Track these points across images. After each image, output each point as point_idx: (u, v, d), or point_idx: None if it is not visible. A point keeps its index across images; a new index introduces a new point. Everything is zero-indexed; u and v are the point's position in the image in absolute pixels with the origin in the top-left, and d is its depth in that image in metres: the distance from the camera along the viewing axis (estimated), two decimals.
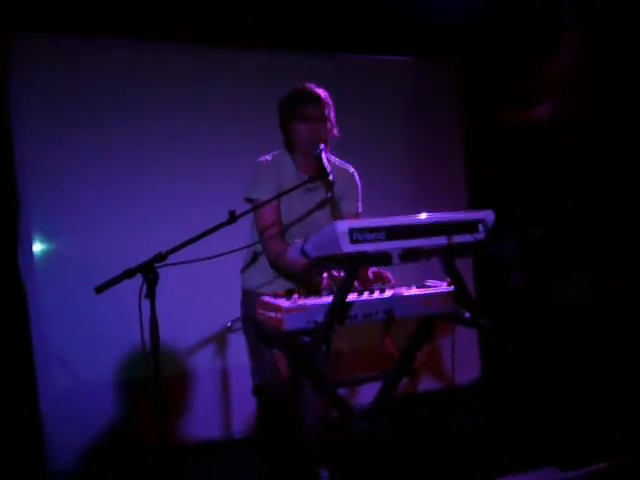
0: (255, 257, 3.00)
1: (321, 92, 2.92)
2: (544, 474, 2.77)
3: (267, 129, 3.06)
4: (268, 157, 2.98)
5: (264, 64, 4.37)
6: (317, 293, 2.35)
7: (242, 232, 2.95)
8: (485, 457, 3.63)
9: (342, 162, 3.10)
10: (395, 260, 2.13)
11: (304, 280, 2.82)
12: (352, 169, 3.12)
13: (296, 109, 2.87)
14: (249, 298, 2.99)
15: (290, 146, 2.98)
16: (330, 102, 2.94)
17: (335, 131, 2.96)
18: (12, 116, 3.85)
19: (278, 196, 2.74)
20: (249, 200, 2.91)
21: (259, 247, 2.96)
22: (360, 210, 3.11)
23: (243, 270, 3.09)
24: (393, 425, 2.75)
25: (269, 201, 2.74)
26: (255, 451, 3.29)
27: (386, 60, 4.92)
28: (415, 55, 4.96)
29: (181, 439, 4.10)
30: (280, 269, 2.90)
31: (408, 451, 3.77)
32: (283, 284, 2.92)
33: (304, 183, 2.72)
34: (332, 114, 2.95)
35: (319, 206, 2.94)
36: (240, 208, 2.63)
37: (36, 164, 3.89)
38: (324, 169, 2.71)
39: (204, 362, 4.20)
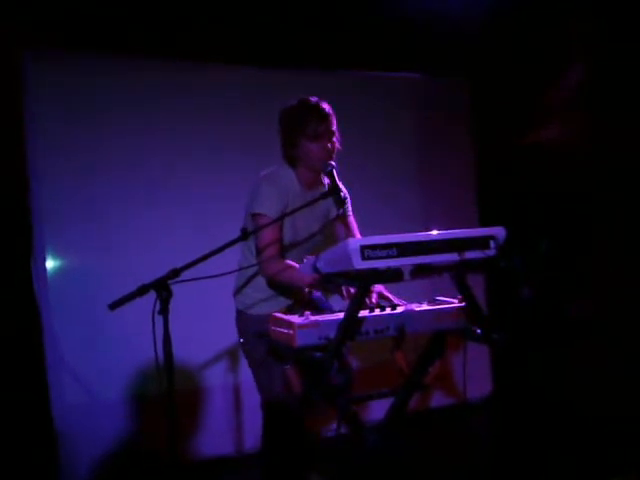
0: (253, 276, 2.99)
1: (327, 107, 2.87)
2: None
3: (270, 144, 3.06)
4: (272, 172, 2.92)
5: (268, 80, 4.36)
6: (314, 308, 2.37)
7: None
8: (496, 473, 3.61)
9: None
10: (406, 276, 2.14)
11: (302, 297, 2.84)
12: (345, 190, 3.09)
13: (306, 127, 2.80)
14: (247, 317, 3.01)
15: (292, 161, 2.92)
16: (334, 116, 2.89)
17: (339, 144, 2.90)
18: (27, 130, 3.87)
19: (285, 215, 2.73)
20: (254, 215, 2.83)
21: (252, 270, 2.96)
22: (350, 212, 3.12)
23: (239, 290, 3.07)
24: (405, 441, 2.75)
25: (280, 219, 2.73)
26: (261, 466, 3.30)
27: (397, 77, 4.94)
28: (426, 71, 4.98)
29: (193, 455, 4.10)
30: (279, 287, 2.91)
31: (420, 467, 3.76)
32: (280, 302, 2.96)
33: (316, 200, 2.72)
34: (336, 127, 2.90)
35: (327, 223, 2.96)
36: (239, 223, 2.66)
37: (50, 177, 3.89)
38: (337, 186, 2.73)
39: (216, 378, 4.20)
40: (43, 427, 3.85)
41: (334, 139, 2.87)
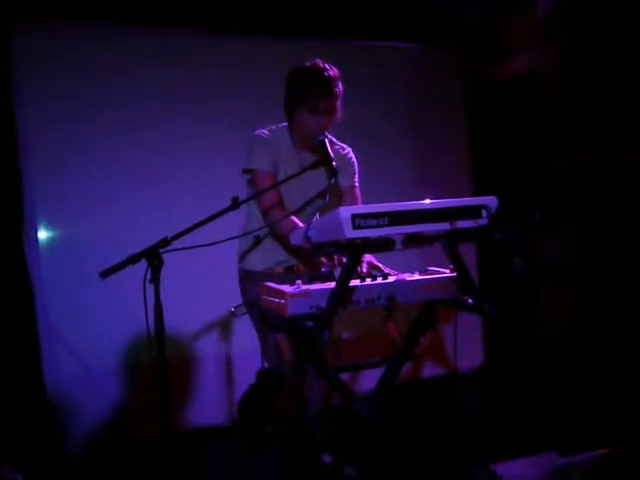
0: (258, 241, 3.00)
1: (337, 77, 2.80)
2: (543, 459, 2.79)
3: (267, 115, 3.05)
4: (265, 131, 2.94)
5: (263, 50, 4.32)
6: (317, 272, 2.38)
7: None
8: (486, 443, 3.65)
9: (339, 142, 3.08)
10: (398, 246, 2.14)
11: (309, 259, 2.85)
12: (348, 148, 3.10)
13: (307, 98, 2.77)
14: (253, 279, 2.99)
15: (290, 122, 2.94)
16: (342, 90, 2.83)
17: (339, 117, 2.88)
18: (16, 105, 3.85)
19: (279, 184, 2.74)
20: (247, 171, 2.90)
21: (261, 233, 2.97)
22: (357, 184, 3.10)
23: (244, 254, 3.08)
24: (395, 411, 2.78)
25: (274, 186, 2.75)
26: (255, 436, 3.34)
27: (388, 46, 4.89)
28: (418, 41, 4.94)
29: (185, 424, 4.13)
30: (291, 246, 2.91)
31: (410, 436, 3.80)
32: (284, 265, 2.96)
33: (305, 170, 2.71)
34: (341, 102, 2.85)
35: (319, 192, 2.94)
36: (241, 191, 2.64)
37: (40, 153, 3.88)
38: (328, 156, 2.71)
39: (208, 347, 4.22)
40: (37, 398, 3.87)
41: (335, 116, 2.84)
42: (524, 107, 4.74)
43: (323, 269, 2.60)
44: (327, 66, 2.81)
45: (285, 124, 2.98)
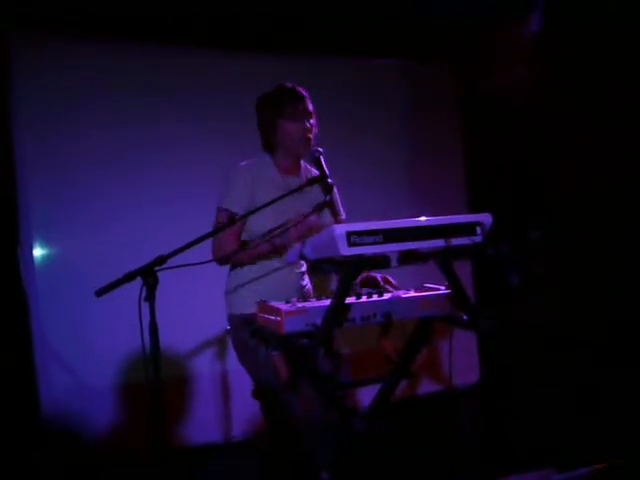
0: (238, 276, 2.95)
1: (302, 89, 2.89)
2: (540, 475, 2.78)
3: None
4: (243, 163, 2.91)
5: (253, 68, 4.32)
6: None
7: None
8: (482, 459, 3.64)
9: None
10: (393, 263, 2.14)
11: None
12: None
13: (284, 107, 2.83)
14: (240, 322, 2.92)
15: (270, 147, 2.94)
16: (310, 99, 2.90)
17: (316, 129, 2.91)
18: (13, 117, 3.86)
19: (265, 206, 2.61)
20: (220, 209, 2.86)
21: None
22: (344, 216, 3.10)
23: (229, 292, 3.00)
24: (392, 427, 2.77)
25: (243, 217, 2.73)
26: (256, 453, 3.30)
27: (384, 63, 4.93)
28: (411, 57, 4.97)
29: (181, 442, 4.11)
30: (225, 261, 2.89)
31: (407, 452, 3.78)
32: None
33: (301, 187, 2.72)
34: (313, 110, 2.91)
35: (313, 209, 2.93)
36: None
37: (37, 167, 3.89)
38: (323, 172, 2.72)
39: (204, 365, 4.21)
40: (31, 416, 3.85)
41: (312, 120, 2.88)
42: (518, 121, 4.77)
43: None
44: (288, 83, 2.91)
45: (266, 154, 2.97)
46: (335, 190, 3.01)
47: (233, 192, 2.84)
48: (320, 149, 2.80)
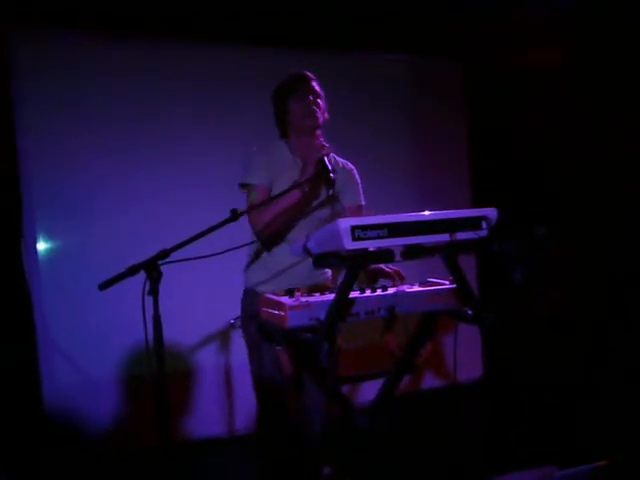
0: (257, 254, 2.99)
1: (310, 73, 2.97)
2: (542, 472, 2.77)
3: (267, 127, 3.06)
4: (263, 144, 3.00)
5: (263, 62, 4.29)
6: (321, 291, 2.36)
7: (244, 230, 2.96)
8: (485, 455, 3.63)
9: (342, 159, 3.10)
10: (397, 257, 2.13)
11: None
12: (352, 165, 3.12)
13: (292, 88, 2.91)
14: (249, 296, 3.00)
15: (284, 132, 3.00)
16: (319, 82, 2.98)
17: (327, 114, 2.97)
18: (15, 112, 3.86)
19: (277, 196, 2.72)
20: (242, 186, 2.93)
21: (255, 246, 2.95)
22: (364, 203, 3.11)
23: (245, 268, 3.08)
24: (395, 422, 2.76)
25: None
26: (257, 448, 3.29)
27: (389, 58, 4.91)
28: (417, 53, 4.95)
29: (184, 436, 4.11)
30: (267, 239, 2.90)
31: (410, 448, 3.78)
32: (283, 282, 2.92)
33: (300, 184, 2.72)
34: (322, 93, 2.97)
35: (320, 204, 2.94)
36: (240, 205, 2.64)
37: (40, 161, 3.89)
38: (325, 167, 2.72)
39: (207, 359, 4.21)
40: (35, 408, 3.86)
41: (318, 100, 2.92)
42: (525, 117, 4.75)
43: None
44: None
45: (281, 141, 3.03)
46: (356, 176, 3.09)
47: (254, 168, 2.91)
48: (325, 151, 2.79)
